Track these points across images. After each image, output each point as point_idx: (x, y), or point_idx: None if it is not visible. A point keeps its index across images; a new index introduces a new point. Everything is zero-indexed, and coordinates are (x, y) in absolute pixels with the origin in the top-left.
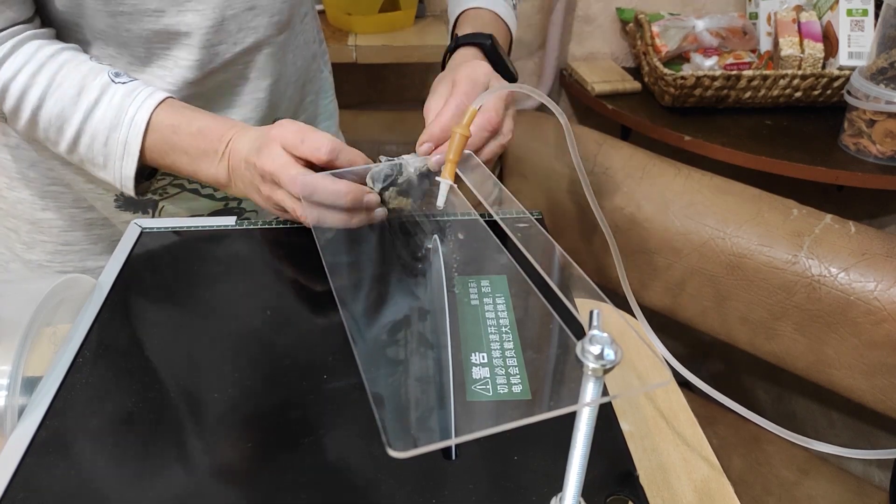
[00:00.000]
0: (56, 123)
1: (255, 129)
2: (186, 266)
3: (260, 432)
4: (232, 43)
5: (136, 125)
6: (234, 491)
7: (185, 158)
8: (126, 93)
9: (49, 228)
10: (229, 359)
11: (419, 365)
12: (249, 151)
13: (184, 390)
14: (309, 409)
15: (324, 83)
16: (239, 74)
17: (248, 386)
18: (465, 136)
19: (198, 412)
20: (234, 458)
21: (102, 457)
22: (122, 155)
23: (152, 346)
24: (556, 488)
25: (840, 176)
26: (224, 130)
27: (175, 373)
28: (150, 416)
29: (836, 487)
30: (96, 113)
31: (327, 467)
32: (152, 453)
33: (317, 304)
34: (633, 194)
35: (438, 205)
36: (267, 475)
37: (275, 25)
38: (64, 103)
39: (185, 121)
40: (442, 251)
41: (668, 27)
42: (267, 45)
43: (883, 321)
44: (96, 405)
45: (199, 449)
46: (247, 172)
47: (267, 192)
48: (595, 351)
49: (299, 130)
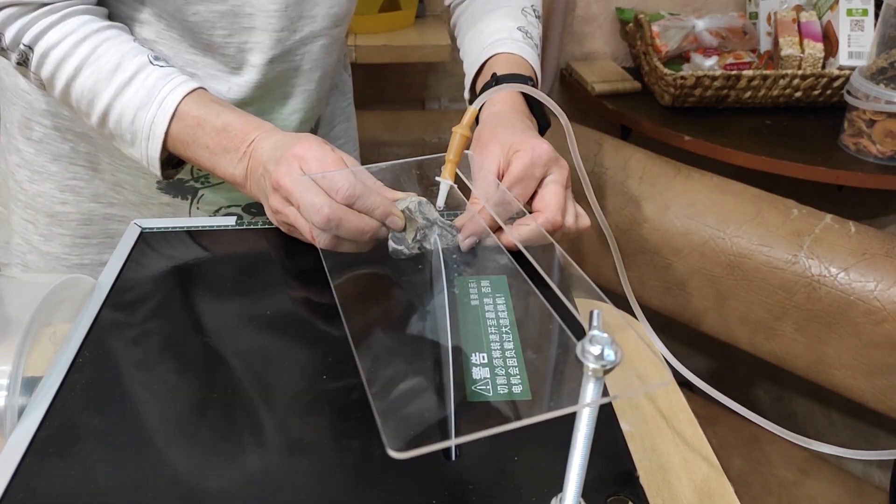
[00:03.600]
0: (88, 96)
1: (280, 134)
2: (186, 266)
3: (260, 432)
4: (292, 30)
5: (164, 108)
6: (234, 491)
7: (205, 153)
8: (161, 75)
9: (67, 222)
10: (229, 359)
11: (419, 365)
12: (269, 159)
13: (183, 390)
14: (309, 409)
15: (344, 85)
16: (296, 66)
17: (248, 386)
18: (466, 137)
19: (197, 412)
20: (234, 458)
21: (102, 457)
22: (149, 135)
23: (152, 346)
24: (556, 488)
25: (840, 176)
26: (249, 130)
27: (174, 373)
28: (149, 416)
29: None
30: (128, 90)
31: (327, 467)
32: (152, 453)
33: (317, 305)
34: (633, 194)
35: (438, 205)
36: (267, 475)
37: (332, 17)
38: (99, 76)
39: (212, 115)
40: (442, 251)
41: (668, 27)
42: (322, 37)
43: (883, 321)
44: (96, 405)
45: (198, 449)
46: (262, 179)
47: (276, 206)
48: (595, 351)
49: (322, 160)
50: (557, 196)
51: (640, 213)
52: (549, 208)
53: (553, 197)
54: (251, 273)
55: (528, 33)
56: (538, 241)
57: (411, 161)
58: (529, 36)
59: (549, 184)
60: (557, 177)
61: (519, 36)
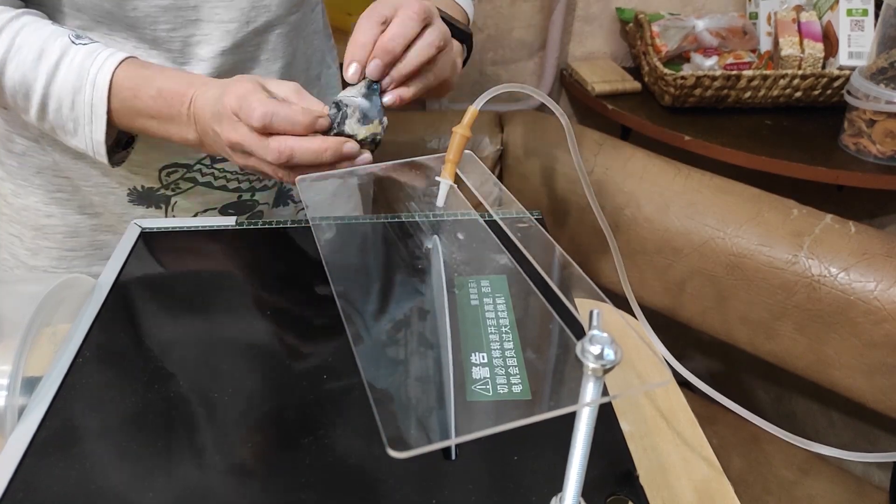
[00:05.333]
0: (21, 90)
1: (214, 86)
2: (186, 266)
3: (260, 432)
4: (244, 21)
5: (98, 87)
6: (234, 490)
7: (153, 123)
8: (86, 54)
9: (53, 234)
10: (229, 359)
11: (419, 365)
12: (212, 118)
13: (183, 390)
14: (309, 409)
15: (331, 79)
16: (250, 56)
17: (248, 386)
18: (466, 137)
19: (197, 412)
20: (234, 458)
21: (102, 457)
22: (91, 118)
23: (152, 346)
24: (556, 488)
25: (840, 176)
26: (183, 90)
27: (175, 373)
28: (149, 415)
29: (835, 487)
30: (58, 76)
31: (327, 467)
32: (152, 453)
33: (317, 304)
34: (633, 194)
35: (438, 205)
36: (267, 475)
37: (287, 4)
38: (25, 68)
39: (145, 83)
40: (442, 251)
41: (668, 27)
42: (279, 25)
43: (883, 321)
44: (96, 405)
45: (198, 449)
46: (216, 139)
47: (240, 161)
48: (595, 351)
49: (241, 96)
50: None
51: (640, 213)
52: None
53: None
54: (251, 273)
55: None
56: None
57: (411, 161)
58: None
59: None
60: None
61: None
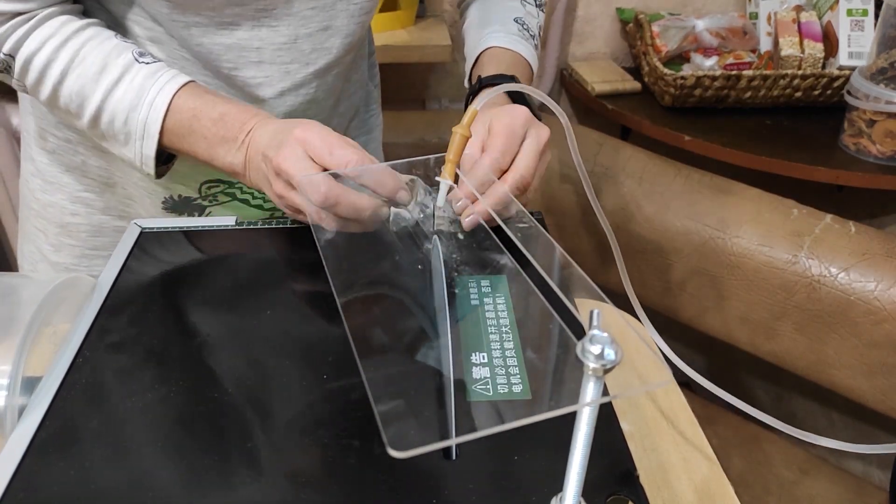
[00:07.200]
0: (76, 100)
1: (278, 121)
2: (186, 266)
3: (260, 432)
4: (304, 63)
5: (155, 108)
6: (234, 490)
7: (202, 144)
8: (148, 74)
9: (77, 233)
10: (229, 358)
11: (419, 365)
12: (268, 146)
13: (183, 390)
14: (309, 409)
15: (369, 96)
16: (311, 97)
17: (248, 386)
18: (466, 137)
19: (197, 412)
20: (234, 458)
21: (102, 457)
22: (143, 134)
23: (152, 346)
24: (556, 488)
25: (840, 176)
26: (246, 118)
27: (174, 372)
28: (149, 415)
29: (835, 487)
30: (116, 92)
31: (327, 467)
32: (152, 453)
33: (317, 304)
34: (633, 194)
35: (438, 204)
36: (267, 475)
37: (347, 46)
38: (85, 80)
39: (208, 106)
40: (442, 251)
41: (668, 27)
42: (336, 67)
43: (883, 321)
44: (96, 405)
45: (198, 448)
46: (262, 165)
47: (279, 191)
48: (595, 351)
49: (325, 139)
50: (528, 157)
51: (640, 213)
52: (517, 168)
53: (524, 158)
54: (251, 273)
55: (524, 24)
56: (506, 205)
57: (411, 161)
58: (526, 27)
59: (524, 146)
60: (534, 140)
61: (514, 28)
